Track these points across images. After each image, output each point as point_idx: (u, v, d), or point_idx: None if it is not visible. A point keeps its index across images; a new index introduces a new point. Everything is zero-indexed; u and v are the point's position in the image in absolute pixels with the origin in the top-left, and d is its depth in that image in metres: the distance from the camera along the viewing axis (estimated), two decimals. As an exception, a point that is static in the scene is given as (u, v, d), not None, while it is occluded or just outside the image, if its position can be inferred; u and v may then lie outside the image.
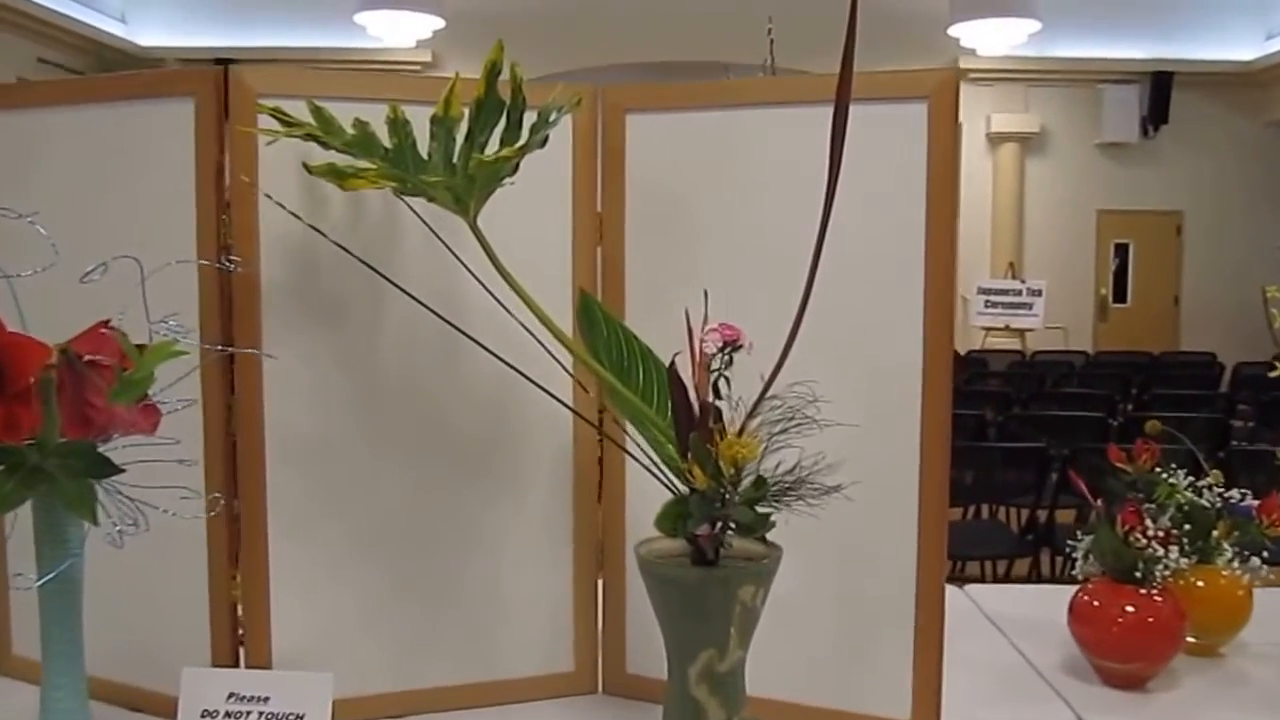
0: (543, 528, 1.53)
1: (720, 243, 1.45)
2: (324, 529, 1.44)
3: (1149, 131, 13.24)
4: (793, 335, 1.10)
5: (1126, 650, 1.64)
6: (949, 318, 1.35)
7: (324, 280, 1.41)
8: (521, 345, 1.31)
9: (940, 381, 1.35)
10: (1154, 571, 1.61)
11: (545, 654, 1.54)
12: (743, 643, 1.14)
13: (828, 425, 1.14)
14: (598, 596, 1.56)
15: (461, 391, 1.46)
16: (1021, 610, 1.97)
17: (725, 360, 1.10)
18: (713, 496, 1.04)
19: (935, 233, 1.34)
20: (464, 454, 1.48)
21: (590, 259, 1.50)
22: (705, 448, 1.02)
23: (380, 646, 1.47)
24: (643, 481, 1.23)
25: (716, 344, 1.09)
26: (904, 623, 1.39)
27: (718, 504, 1.04)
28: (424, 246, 1.40)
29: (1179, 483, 1.75)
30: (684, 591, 1.12)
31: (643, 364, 1.29)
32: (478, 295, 1.35)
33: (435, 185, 1.14)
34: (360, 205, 1.40)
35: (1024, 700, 1.63)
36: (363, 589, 1.46)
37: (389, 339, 1.44)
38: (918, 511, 1.36)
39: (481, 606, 1.51)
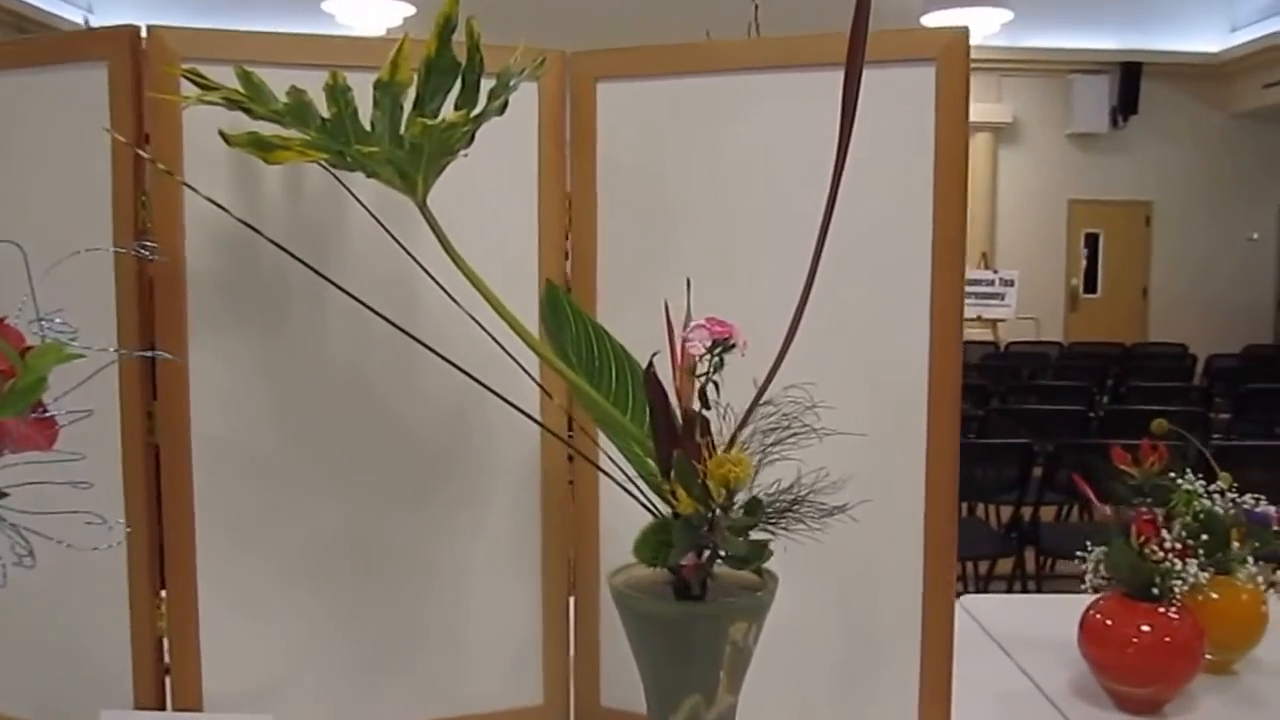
0: (507, 546, 1.37)
1: (705, 227, 1.30)
2: (261, 552, 1.28)
3: (1119, 122, 13.21)
4: (792, 332, 0.95)
5: (1143, 673, 1.51)
6: (957, 312, 1.21)
7: (261, 269, 1.25)
8: (484, 345, 1.16)
9: (948, 385, 1.21)
10: (1172, 587, 1.48)
11: (511, 686, 1.39)
12: (733, 687, 0.99)
13: (828, 435, 0.99)
14: (569, 622, 1.41)
15: (417, 396, 1.31)
16: (1023, 625, 1.84)
17: (715, 362, 0.95)
18: (699, 522, 0.89)
19: (943, 216, 1.20)
20: (420, 467, 1.33)
21: (558, 246, 1.34)
22: (690, 466, 0.87)
23: (326, 682, 1.32)
24: (618, 493, 1.08)
25: (704, 343, 0.93)
26: (909, 655, 1.25)
27: (705, 531, 0.89)
28: (374, 231, 1.25)
29: (1196, 489, 1.62)
30: (666, 630, 0.97)
31: (615, 365, 1.14)
32: (433, 292, 1.20)
33: (374, 157, 0.99)
34: (301, 186, 1.24)
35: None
36: (306, 618, 1.30)
37: (335, 337, 1.28)
38: (923, 533, 1.22)
39: (439, 635, 1.35)
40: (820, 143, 1.24)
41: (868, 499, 1.03)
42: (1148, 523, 1.52)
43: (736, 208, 1.28)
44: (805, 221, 1.25)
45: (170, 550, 1.25)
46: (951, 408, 1.21)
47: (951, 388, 1.21)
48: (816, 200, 1.24)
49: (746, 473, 0.86)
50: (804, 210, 1.25)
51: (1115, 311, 13.55)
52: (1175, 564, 1.48)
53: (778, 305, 1.08)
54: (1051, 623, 1.83)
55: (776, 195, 1.26)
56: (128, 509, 1.23)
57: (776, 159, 1.26)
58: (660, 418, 0.93)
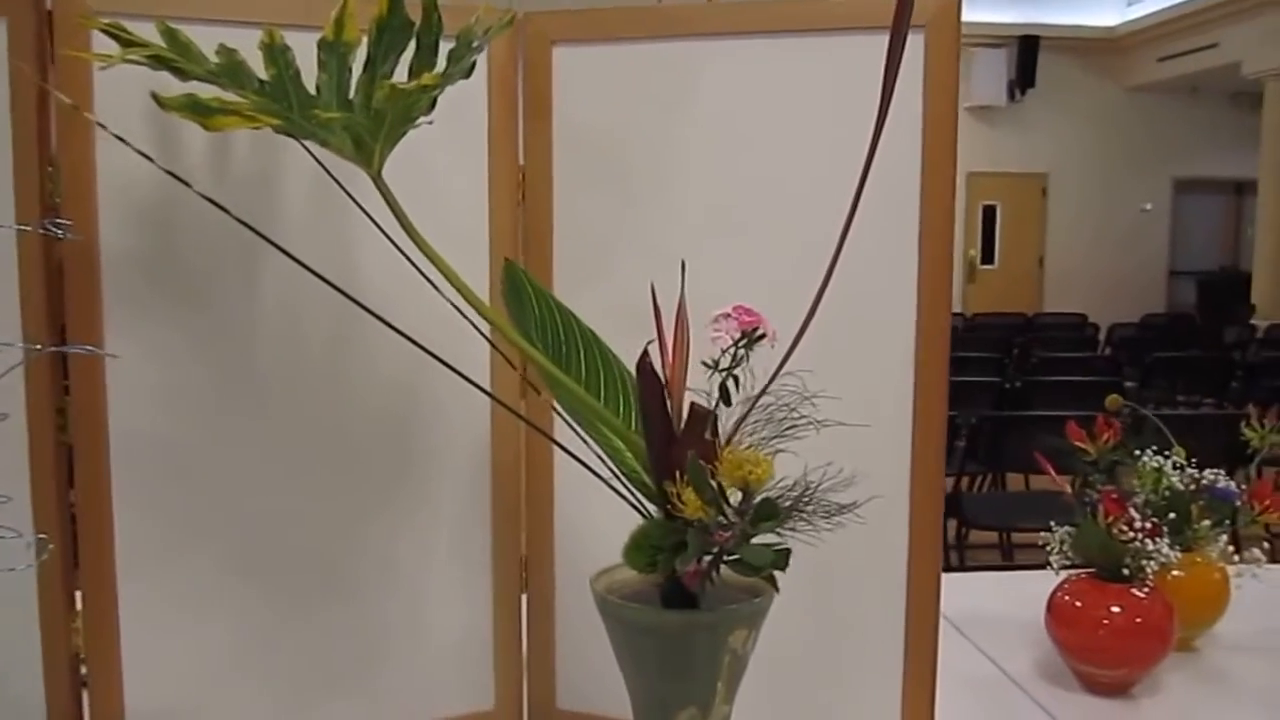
0: (455, 542, 1.28)
1: (670, 202, 1.21)
2: (188, 557, 1.17)
3: (1016, 95, 13.40)
4: (810, 315, 0.86)
5: (1115, 655, 1.47)
6: (946, 300, 1.14)
7: (187, 248, 1.13)
8: (433, 329, 1.07)
9: (936, 365, 1.14)
10: (1144, 567, 1.44)
11: (460, 690, 1.30)
12: (729, 697, 0.92)
13: (826, 426, 0.92)
14: (521, 620, 1.32)
15: (360, 385, 1.20)
16: (977, 605, 1.79)
17: (741, 355, 0.86)
18: (714, 527, 0.80)
19: (932, 190, 1.12)
20: (363, 461, 1.22)
21: (510, 222, 1.25)
22: (704, 468, 0.79)
23: (261, 693, 1.21)
24: (574, 482, 1.00)
25: (733, 334, 0.85)
26: (891, 658, 1.19)
27: (723, 536, 0.80)
28: (306, 212, 1.14)
29: (1162, 465, 1.58)
30: (662, 641, 0.89)
31: (584, 351, 1.05)
32: (375, 270, 1.10)
33: (331, 124, 0.88)
34: (225, 160, 1.12)
35: (1004, 716, 1.45)
36: (238, 626, 1.19)
37: (267, 324, 1.16)
38: (908, 526, 1.15)
39: (382, 639, 1.25)
40: (789, 110, 1.17)
41: (878, 495, 0.95)
42: (1115, 502, 1.48)
43: (704, 181, 1.20)
44: (778, 194, 1.18)
45: (86, 559, 1.14)
46: (939, 386, 1.14)
47: (939, 368, 1.14)
48: (789, 171, 1.17)
49: (768, 474, 0.78)
50: (776, 183, 1.18)
51: (1012, 282, 13.80)
52: (1147, 544, 1.43)
53: (753, 283, 1.00)
54: (1006, 602, 1.80)
55: (747, 167, 1.18)
56: (36, 516, 1.11)
57: (745, 129, 1.18)
58: (655, 414, 0.85)
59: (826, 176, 1.15)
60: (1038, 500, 4.36)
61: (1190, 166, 14.20)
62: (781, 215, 1.17)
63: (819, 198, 1.15)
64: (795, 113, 1.16)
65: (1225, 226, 15.28)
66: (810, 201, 1.15)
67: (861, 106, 1.11)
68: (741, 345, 0.86)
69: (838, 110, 1.15)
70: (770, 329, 0.86)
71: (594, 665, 1.26)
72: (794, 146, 1.16)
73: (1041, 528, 4.10)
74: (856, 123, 1.12)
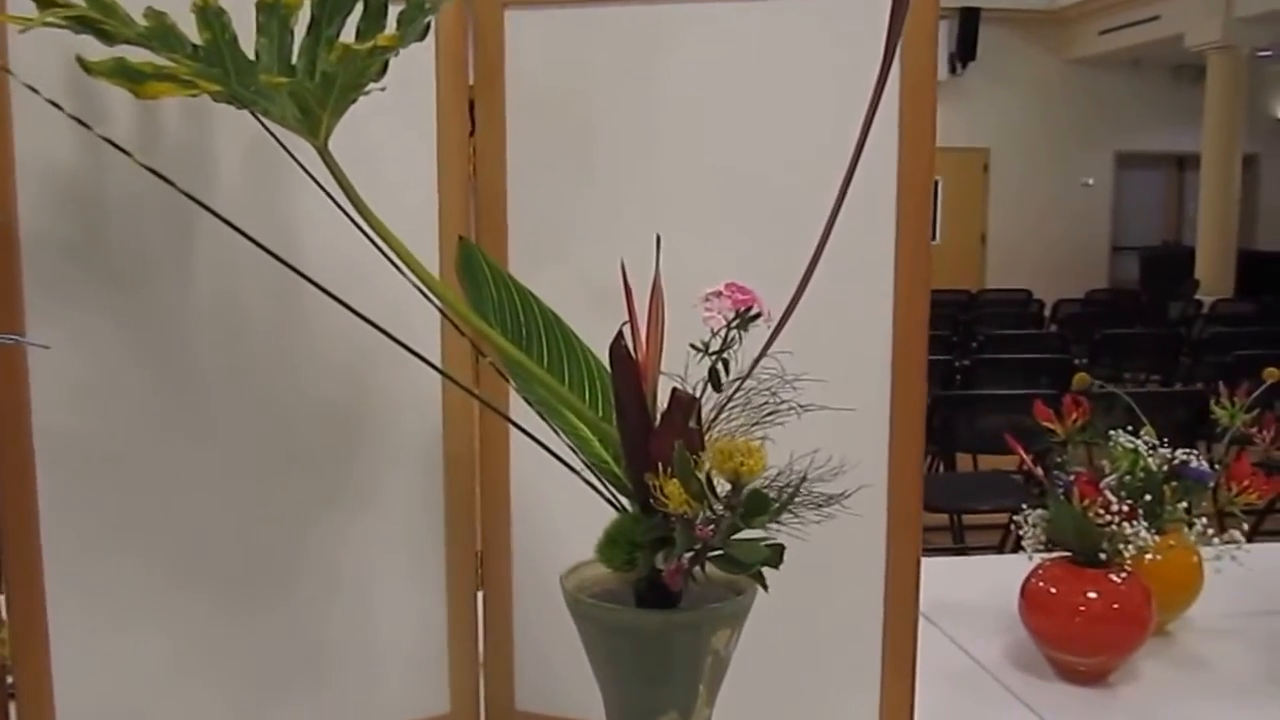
0: (406, 537, 1.21)
1: (633, 177, 1.14)
2: (121, 559, 1.09)
3: (957, 69, 13.40)
4: (794, 301, 0.80)
5: (1092, 642, 1.43)
6: (925, 275, 1.08)
7: (112, 230, 1.04)
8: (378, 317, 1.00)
9: (915, 347, 1.08)
10: (1121, 551, 1.40)
11: (413, 694, 1.23)
12: (711, 700, 0.86)
13: (809, 411, 0.86)
14: (477, 618, 1.25)
15: (303, 377, 1.13)
16: (945, 591, 1.74)
17: (733, 337, 0.79)
18: (698, 522, 0.74)
19: (910, 163, 1.06)
20: (304, 452, 1.15)
21: (461, 198, 1.17)
22: (690, 458, 0.72)
23: (201, 702, 1.13)
24: (532, 471, 0.93)
25: (726, 314, 0.78)
26: (869, 650, 1.13)
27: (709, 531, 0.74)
28: (242, 189, 1.07)
29: (1135, 445, 1.54)
30: (641, 643, 0.83)
31: (545, 334, 0.98)
32: (318, 252, 1.02)
33: (275, 90, 0.80)
34: (155, 135, 1.04)
35: (980, 707, 1.41)
36: (176, 632, 1.12)
37: (203, 310, 1.08)
38: (886, 514, 1.09)
39: (329, 642, 1.18)
40: (758, 79, 1.11)
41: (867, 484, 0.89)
42: (1089, 484, 1.44)
43: (669, 155, 1.13)
44: (752, 169, 1.11)
45: (10, 563, 1.06)
46: (918, 366, 1.08)
47: (918, 349, 1.08)
48: (765, 145, 1.11)
49: (761, 465, 0.72)
50: (750, 157, 1.11)
51: (954, 258, 13.82)
52: (1125, 527, 1.39)
53: (724, 263, 0.94)
54: (975, 588, 1.76)
55: (719, 140, 1.11)
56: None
57: (713, 99, 1.11)
58: (632, 402, 0.78)
59: (803, 149, 1.09)
60: (988, 481, 4.35)
61: (1132, 140, 14.30)
62: (756, 191, 1.11)
63: (796, 172, 1.09)
64: (772, 82, 1.10)
65: (1168, 201, 15.43)
66: (787, 176, 1.09)
67: (842, 77, 1.06)
68: (734, 326, 0.79)
69: (817, 80, 1.08)
70: (765, 308, 0.80)
71: (555, 664, 1.20)
72: (770, 118, 1.10)
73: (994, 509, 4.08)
74: (837, 94, 1.07)
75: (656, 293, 0.85)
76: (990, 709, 1.40)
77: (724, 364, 0.79)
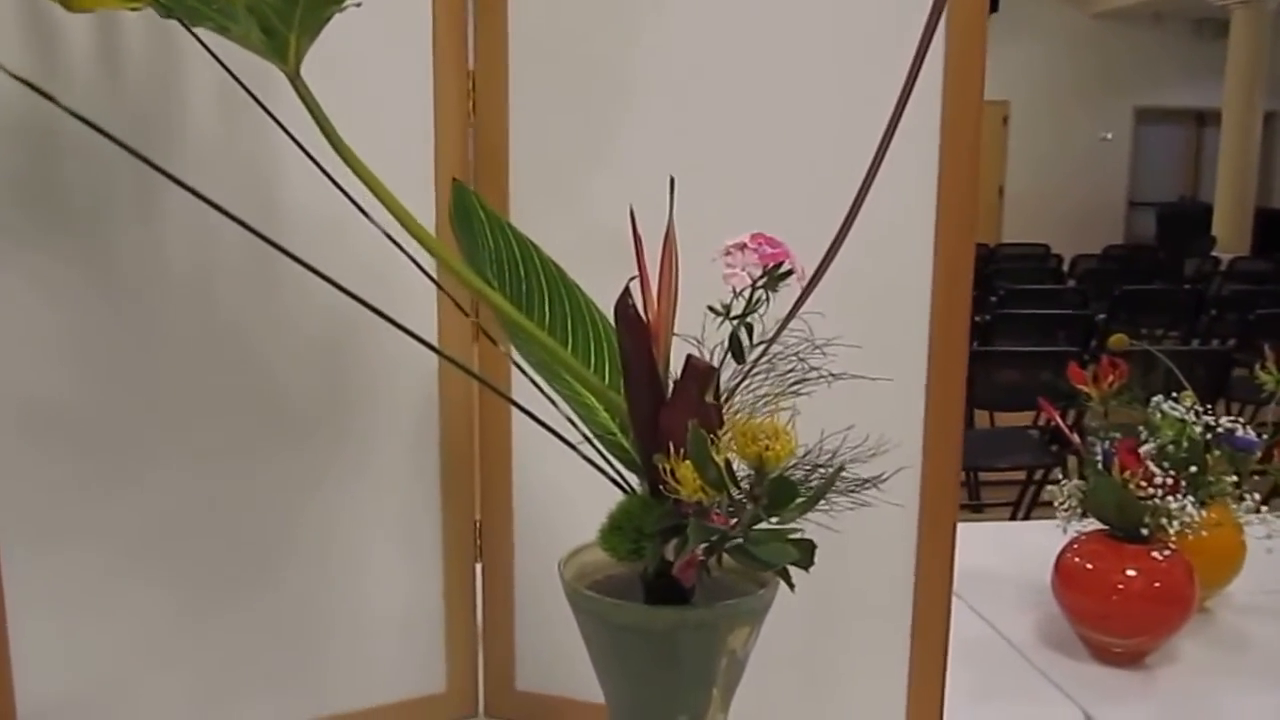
0: (400, 508, 1.12)
1: (646, 116, 1.04)
2: (87, 533, 0.99)
3: (979, 21, 13.17)
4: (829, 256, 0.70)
5: (1130, 623, 1.34)
6: (969, 227, 0.98)
7: (65, 170, 0.94)
8: (367, 259, 0.90)
9: (955, 321, 0.98)
10: (1166, 527, 1.31)
11: (409, 673, 1.15)
12: (725, 704, 0.76)
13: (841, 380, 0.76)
14: (475, 595, 1.17)
15: (281, 326, 1.03)
16: (972, 561, 1.63)
17: (760, 297, 0.69)
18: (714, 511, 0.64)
19: (956, 101, 0.96)
20: (288, 416, 1.05)
21: (459, 138, 1.07)
22: (707, 440, 0.62)
23: (178, 685, 1.05)
24: (536, 435, 0.84)
25: (751, 270, 0.67)
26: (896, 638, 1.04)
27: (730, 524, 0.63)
28: (215, 126, 0.97)
29: (1180, 413, 1.43)
30: (649, 643, 0.73)
31: (548, 289, 0.89)
32: (301, 198, 0.93)
33: (233, 6, 0.70)
34: (115, 66, 0.94)
35: (1007, 687, 1.32)
36: (149, 609, 1.02)
37: (173, 256, 0.98)
38: (919, 489, 1.00)
39: (318, 619, 1.10)
40: (785, 6, 1.00)
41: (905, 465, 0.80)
42: (1131, 454, 1.34)
43: (687, 91, 1.02)
44: (776, 106, 1.01)
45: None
46: (960, 332, 0.98)
47: (960, 313, 0.98)
48: (788, 79, 1.00)
49: (789, 450, 0.61)
50: (773, 93, 1.01)
51: (972, 212, 13.64)
52: (1170, 502, 1.30)
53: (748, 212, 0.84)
54: (1004, 557, 1.67)
55: (739, 76, 1.00)
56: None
57: (736, 31, 1.00)
58: (641, 370, 0.68)
59: (836, 85, 0.98)
60: (1006, 437, 4.26)
61: (1152, 95, 14.10)
62: (784, 133, 1.00)
63: (829, 110, 0.98)
64: (800, 9, 0.99)
65: (1185, 157, 15.23)
66: (819, 116, 0.99)
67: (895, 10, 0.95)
68: (761, 285, 0.68)
69: (849, 11, 0.98)
70: (798, 264, 0.69)
71: (559, 641, 1.11)
72: (798, 51, 0.99)
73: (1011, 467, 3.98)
74: (877, 21, 0.96)
75: (669, 243, 0.74)
76: (1018, 690, 1.31)
77: (748, 329, 0.68)
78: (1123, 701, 1.27)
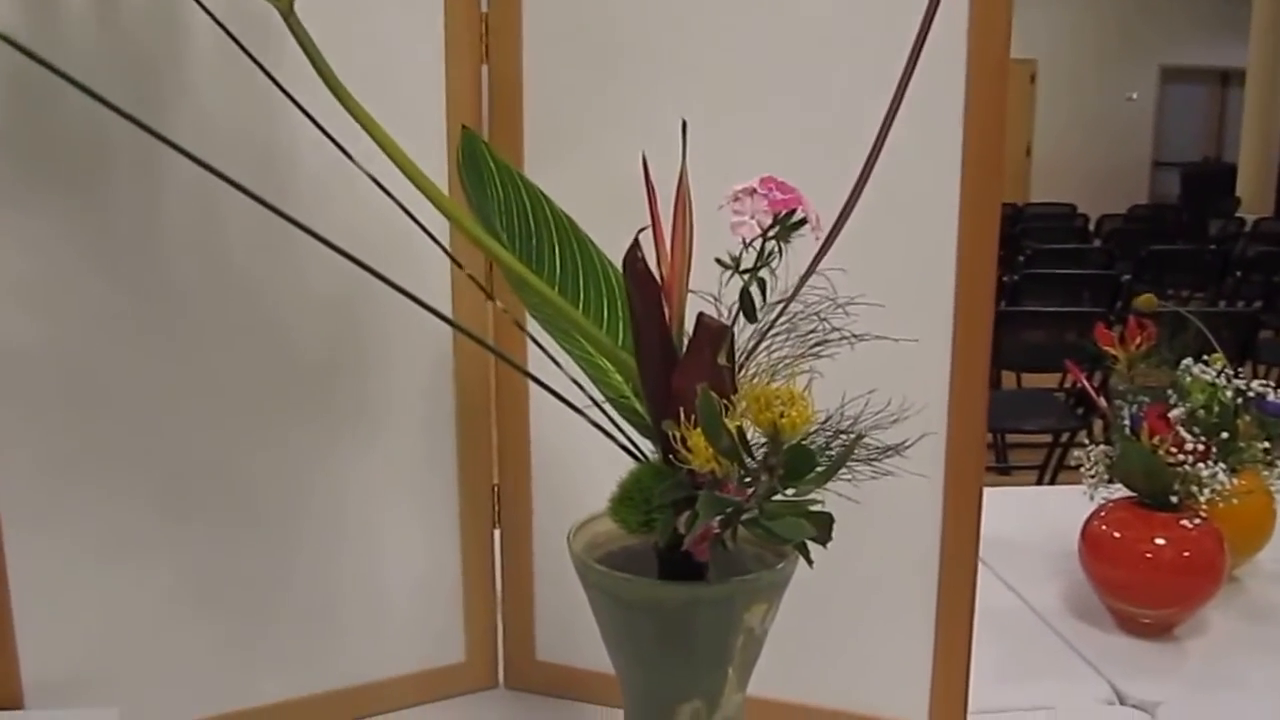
0: (415, 474, 1.08)
1: (668, 61, 0.99)
2: (91, 503, 0.96)
3: (1006, -24, 12.99)
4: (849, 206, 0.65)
5: (1159, 593, 1.30)
6: (995, 181, 0.93)
7: (67, 122, 0.90)
8: (377, 215, 0.86)
9: (981, 278, 0.93)
10: (1196, 495, 1.26)
11: (426, 644, 1.12)
12: (742, 684, 0.73)
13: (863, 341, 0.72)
14: (494, 563, 1.13)
15: (290, 284, 0.99)
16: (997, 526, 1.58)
17: (772, 249, 0.64)
18: (729, 482, 0.60)
19: (981, 43, 0.91)
20: (299, 379, 1.01)
21: (471, 84, 1.03)
22: (718, 406, 0.58)
23: (189, 658, 1.02)
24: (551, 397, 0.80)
25: (761, 218, 0.63)
26: (924, 600, 1.00)
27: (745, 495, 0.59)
28: (218, 70, 0.92)
29: (1210, 376, 1.39)
30: (661, 620, 0.69)
31: (559, 243, 0.85)
32: (308, 150, 0.89)
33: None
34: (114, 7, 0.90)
35: (1032, 657, 1.28)
36: (157, 581, 0.99)
37: (176, 211, 0.94)
38: (944, 457, 0.96)
39: (334, 589, 1.06)
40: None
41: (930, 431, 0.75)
42: (1161, 420, 1.30)
43: (711, 36, 0.98)
44: (798, 49, 0.96)
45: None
46: (985, 290, 0.94)
47: (986, 269, 0.93)
48: (809, 20, 0.96)
49: (806, 418, 0.57)
50: (794, 35, 0.96)
51: (999, 171, 13.52)
52: (1200, 468, 1.26)
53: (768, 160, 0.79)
54: (1029, 523, 1.63)
55: (762, 21, 0.95)
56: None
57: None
58: (652, 330, 0.64)
59: (858, 26, 0.93)
60: (1033, 399, 4.21)
61: (1178, 55, 13.92)
62: (804, 76, 0.95)
63: (850, 54, 0.94)
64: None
65: (1210, 117, 15.05)
66: (839, 59, 0.94)
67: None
68: (773, 235, 0.63)
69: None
70: (812, 212, 0.64)
71: (581, 610, 1.07)
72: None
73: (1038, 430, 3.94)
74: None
75: (683, 192, 0.70)
76: (1043, 660, 1.28)
77: (759, 285, 0.64)
78: (1152, 675, 1.23)
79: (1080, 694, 1.20)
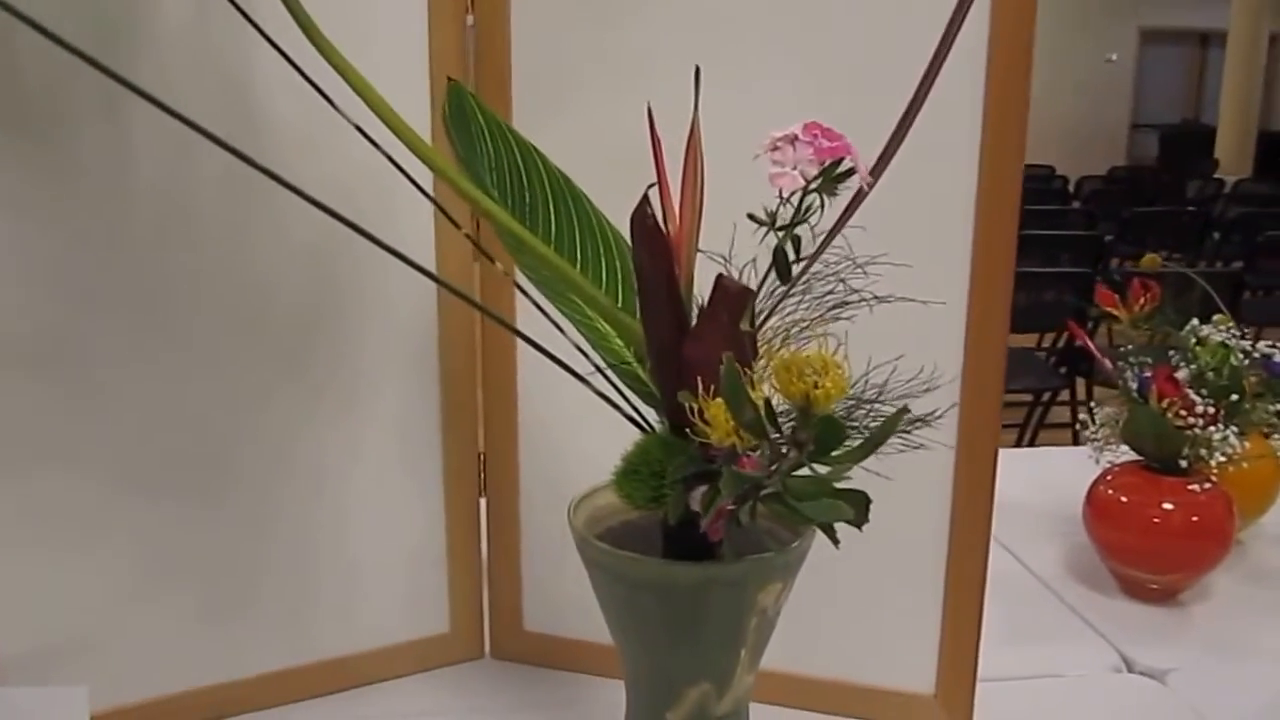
0: (398, 440, 1.04)
1: (669, 9, 0.94)
2: (56, 471, 0.90)
3: (984, -65, 12.93)
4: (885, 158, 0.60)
5: (1166, 559, 1.27)
6: (1018, 139, 0.89)
7: (28, 74, 0.85)
8: (357, 167, 0.81)
9: (1002, 234, 0.89)
10: (1206, 458, 1.23)
11: (410, 614, 1.08)
12: (753, 665, 0.69)
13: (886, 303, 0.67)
14: (480, 530, 1.09)
15: (266, 239, 0.94)
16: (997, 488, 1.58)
17: (814, 201, 0.59)
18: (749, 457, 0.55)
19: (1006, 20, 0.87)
20: (277, 339, 0.96)
21: (456, 30, 0.97)
22: (742, 378, 0.53)
23: (165, 631, 0.97)
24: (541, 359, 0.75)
25: (808, 167, 0.57)
26: (934, 572, 0.97)
27: (767, 475, 0.54)
28: (191, 13, 0.87)
29: (1219, 336, 1.35)
30: (670, 602, 0.65)
31: (553, 199, 0.80)
32: (286, 98, 0.83)
33: None
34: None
35: (1035, 622, 1.25)
36: (130, 551, 0.94)
37: (145, 162, 0.88)
38: (957, 427, 0.91)
39: (314, 558, 1.02)
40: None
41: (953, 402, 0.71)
42: (1170, 382, 1.26)
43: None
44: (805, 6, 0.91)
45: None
46: (1005, 252, 0.89)
47: (1007, 230, 0.89)
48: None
49: (842, 388, 0.52)
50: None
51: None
52: (1210, 432, 1.22)
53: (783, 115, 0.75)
54: (1030, 485, 1.60)
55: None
56: None
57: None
58: (660, 291, 0.59)
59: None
60: (1014, 359, 4.18)
61: (1158, 16, 13.89)
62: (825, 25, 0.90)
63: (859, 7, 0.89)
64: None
65: (1189, 78, 15.05)
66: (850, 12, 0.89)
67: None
68: (816, 187, 0.58)
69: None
70: (860, 162, 0.59)
71: (569, 579, 1.03)
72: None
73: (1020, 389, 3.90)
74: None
75: (694, 143, 0.65)
76: (1047, 625, 1.25)
77: (794, 243, 0.59)
78: (1159, 641, 1.20)
79: (1088, 662, 1.17)
